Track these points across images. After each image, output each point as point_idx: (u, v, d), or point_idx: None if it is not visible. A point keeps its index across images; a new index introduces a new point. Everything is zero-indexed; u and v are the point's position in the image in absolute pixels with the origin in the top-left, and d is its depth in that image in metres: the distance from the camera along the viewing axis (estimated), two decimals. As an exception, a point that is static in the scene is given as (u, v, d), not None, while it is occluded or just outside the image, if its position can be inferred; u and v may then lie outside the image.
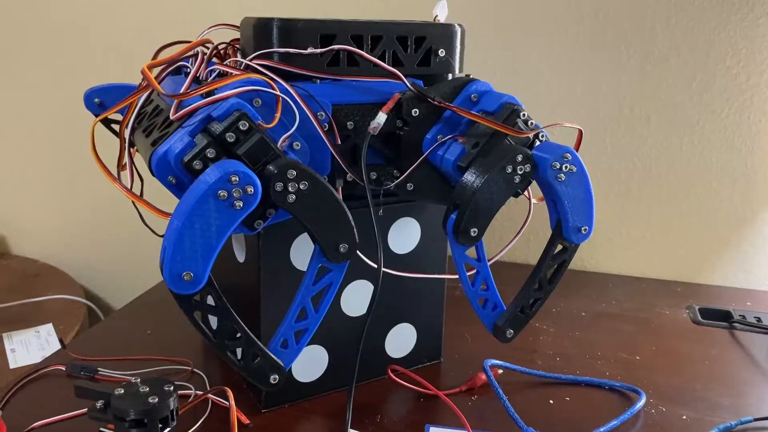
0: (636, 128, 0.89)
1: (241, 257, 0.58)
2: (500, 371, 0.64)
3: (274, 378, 0.49)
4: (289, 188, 0.43)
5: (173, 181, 0.45)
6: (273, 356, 0.49)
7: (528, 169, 0.50)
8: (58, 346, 0.89)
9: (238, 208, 0.41)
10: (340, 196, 0.53)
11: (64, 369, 0.64)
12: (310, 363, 0.59)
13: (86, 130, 1.02)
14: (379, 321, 0.62)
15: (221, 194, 0.40)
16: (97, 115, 0.67)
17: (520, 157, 0.50)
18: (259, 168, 0.44)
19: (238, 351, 0.48)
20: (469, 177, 0.50)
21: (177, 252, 0.40)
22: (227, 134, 0.43)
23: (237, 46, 0.59)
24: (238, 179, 0.40)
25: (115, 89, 0.68)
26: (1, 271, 1.14)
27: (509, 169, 0.50)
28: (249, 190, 0.41)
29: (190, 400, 0.58)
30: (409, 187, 0.56)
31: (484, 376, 0.62)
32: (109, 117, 0.67)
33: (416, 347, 0.65)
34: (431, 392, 0.60)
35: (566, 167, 0.51)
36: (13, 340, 0.88)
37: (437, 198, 0.57)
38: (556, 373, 0.65)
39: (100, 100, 0.67)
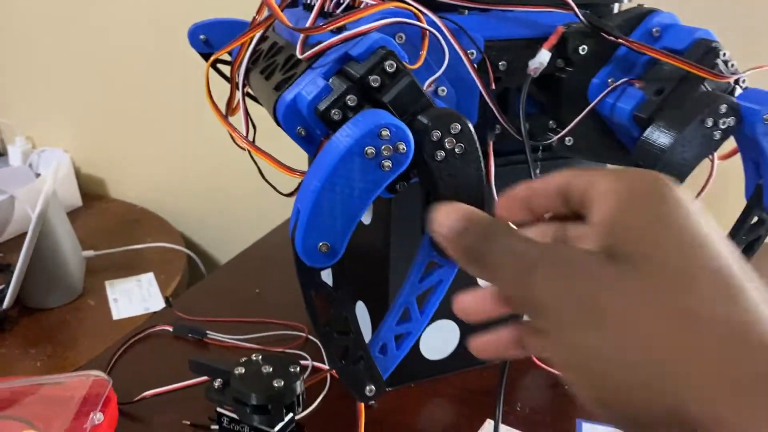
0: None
1: (366, 219, 0.51)
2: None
3: (370, 390, 0.39)
4: (446, 144, 0.35)
5: (303, 132, 0.38)
6: (376, 365, 0.39)
7: (732, 123, 0.40)
8: (159, 296, 0.86)
9: (386, 168, 0.33)
10: (491, 150, 0.45)
11: (170, 330, 0.60)
12: (439, 339, 0.52)
13: (187, 73, 0.97)
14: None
15: (369, 151, 0.32)
16: (201, 53, 0.61)
17: (723, 108, 0.40)
18: (406, 119, 0.36)
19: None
20: (656, 131, 0.40)
21: (314, 219, 0.33)
22: (371, 77, 0.35)
23: (364, -29, 0.50)
24: (389, 134, 0.33)
25: (220, 24, 0.61)
26: (101, 215, 1.13)
27: (709, 123, 0.40)
28: (401, 147, 0.33)
29: (308, 373, 0.52)
30: (568, 141, 0.46)
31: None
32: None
33: (557, 324, 0.57)
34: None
35: (780, 121, 0.40)
36: (116, 289, 0.86)
37: (599, 155, 0.48)
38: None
39: (205, 37, 0.61)
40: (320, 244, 0.34)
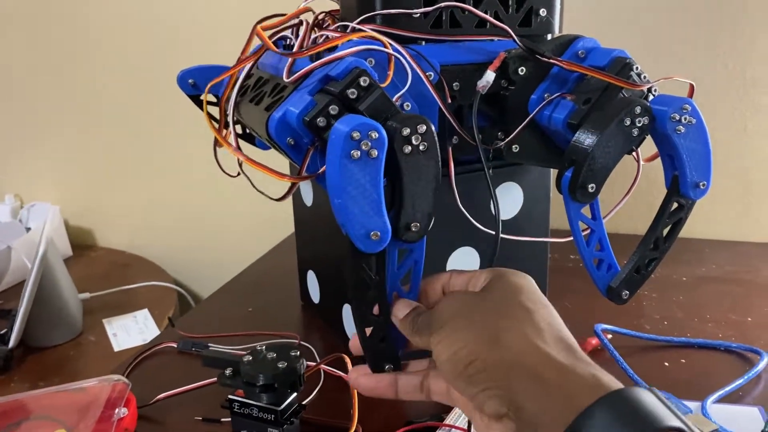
0: (731, 85, 0.86)
1: (308, 200, 0.58)
2: (609, 336, 0.62)
3: (389, 367, 0.44)
4: (413, 140, 0.42)
5: (291, 142, 0.46)
6: (395, 347, 0.45)
7: (646, 122, 0.49)
8: (155, 329, 0.91)
9: (374, 156, 0.40)
10: (450, 156, 0.53)
11: (175, 346, 0.66)
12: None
13: (166, 127, 1.04)
14: (484, 288, 0.61)
15: (354, 154, 0.39)
16: (190, 95, 0.68)
17: (638, 109, 0.48)
18: (380, 123, 0.43)
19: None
20: (585, 132, 0.49)
21: (352, 221, 0.40)
22: (349, 90, 0.43)
23: (335, 15, 0.59)
24: (359, 133, 0.40)
25: (206, 69, 0.68)
26: (92, 263, 1.19)
27: (627, 122, 0.48)
28: (374, 135, 0.39)
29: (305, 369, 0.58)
30: (515, 149, 0.55)
31: (594, 341, 0.61)
32: (200, 98, 0.68)
33: (521, 314, 0.64)
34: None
35: (685, 119, 0.49)
36: (114, 325, 0.91)
37: (542, 160, 0.56)
38: (666, 336, 0.63)
39: (193, 81, 0.68)
40: (371, 233, 0.40)
